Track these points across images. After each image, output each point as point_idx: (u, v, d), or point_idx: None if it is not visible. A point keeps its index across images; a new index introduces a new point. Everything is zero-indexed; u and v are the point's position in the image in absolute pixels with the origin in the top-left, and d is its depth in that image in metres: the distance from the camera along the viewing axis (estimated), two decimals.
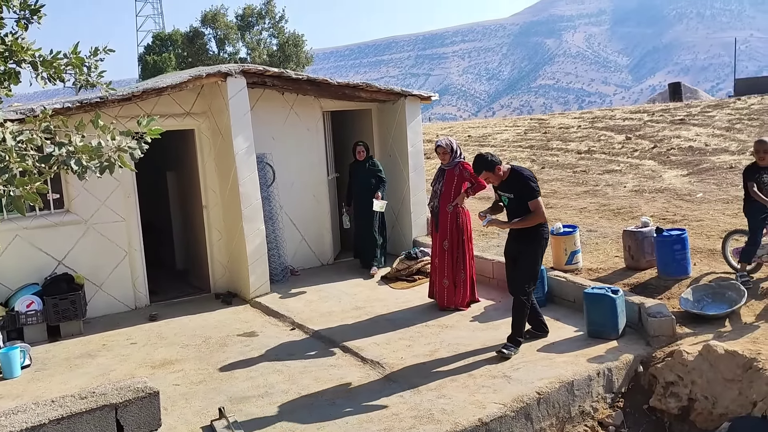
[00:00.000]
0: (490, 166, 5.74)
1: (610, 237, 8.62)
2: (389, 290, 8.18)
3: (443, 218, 7.12)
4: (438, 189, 7.15)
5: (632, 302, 6.18)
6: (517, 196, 5.75)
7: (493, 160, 5.76)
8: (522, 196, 5.71)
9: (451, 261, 7.15)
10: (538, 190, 5.76)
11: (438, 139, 7.26)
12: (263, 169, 8.73)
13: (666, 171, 13.26)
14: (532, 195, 5.68)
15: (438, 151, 7.12)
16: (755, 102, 20.18)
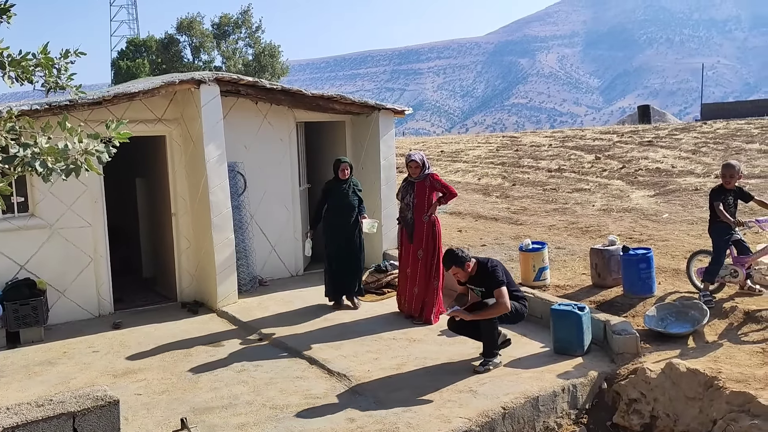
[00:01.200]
0: (460, 263, 5.82)
1: (577, 254, 8.72)
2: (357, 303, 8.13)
3: (419, 228, 7.20)
4: (410, 201, 7.22)
5: (598, 319, 6.25)
6: (486, 287, 5.83)
7: (463, 257, 5.84)
8: (491, 286, 5.79)
9: (424, 270, 7.20)
10: (503, 280, 5.81)
11: (411, 153, 7.33)
12: (234, 177, 8.67)
13: (634, 191, 13.49)
14: (496, 284, 5.75)
15: (411, 165, 7.21)
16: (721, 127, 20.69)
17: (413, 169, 7.20)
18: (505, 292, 5.75)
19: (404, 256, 7.37)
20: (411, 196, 7.24)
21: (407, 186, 7.30)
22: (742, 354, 5.53)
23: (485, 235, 10.20)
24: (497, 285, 5.74)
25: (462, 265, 5.83)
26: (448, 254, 5.92)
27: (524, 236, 9.61)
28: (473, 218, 11.87)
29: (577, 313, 6.01)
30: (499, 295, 5.72)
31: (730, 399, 4.85)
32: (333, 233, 7.78)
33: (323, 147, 10.37)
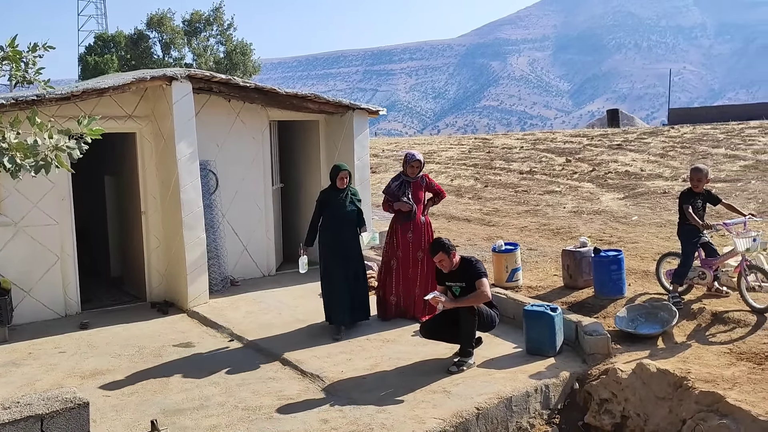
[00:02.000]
0: (447, 250, 5.90)
1: (549, 256, 8.80)
2: None
3: (418, 229, 7.14)
4: (408, 200, 7.14)
5: (570, 320, 6.31)
6: (468, 283, 5.87)
7: (450, 246, 5.96)
8: (472, 281, 5.85)
9: (423, 271, 7.14)
10: (485, 272, 5.93)
11: (414, 153, 7.22)
12: (206, 176, 8.57)
13: (603, 194, 13.67)
14: (479, 275, 5.83)
15: (414, 164, 7.11)
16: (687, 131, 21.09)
17: (414, 168, 7.14)
18: (486, 283, 5.83)
19: (403, 258, 7.15)
20: (408, 194, 7.15)
21: (404, 184, 7.15)
22: (710, 354, 5.64)
23: (458, 236, 10.24)
24: (479, 276, 5.82)
25: (448, 253, 5.89)
26: (436, 241, 6.02)
27: (496, 237, 9.67)
28: (446, 219, 11.92)
29: (549, 313, 6.06)
30: (480, 284, 5.79)
31: (699, 399, 4.93)
32: (330, 248, 6.91)
33: (297, 146, 10.31)
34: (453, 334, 5.95)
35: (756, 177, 13.53)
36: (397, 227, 7.19)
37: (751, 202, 11.24)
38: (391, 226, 7.30)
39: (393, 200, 7.14)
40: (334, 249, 6.89)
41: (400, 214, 7.16)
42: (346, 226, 6.92)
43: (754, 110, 32.37)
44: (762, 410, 4.58)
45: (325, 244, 6.95)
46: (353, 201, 6.99)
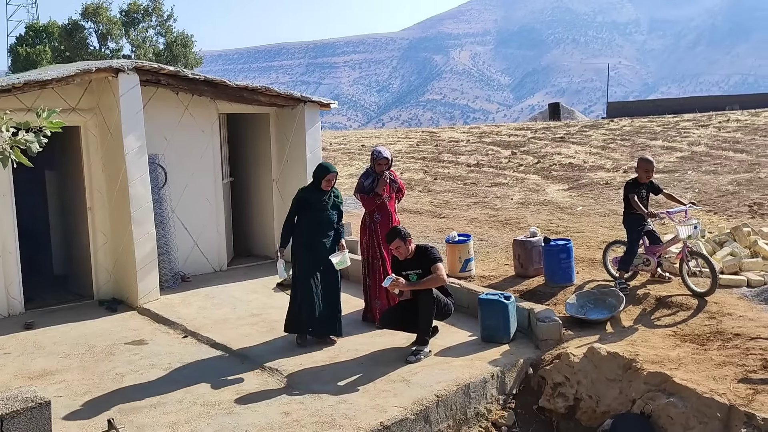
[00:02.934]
0: (403, 237, 6.00)
1: (499, 246, 8.99)
2: (285, 297, 8.00)
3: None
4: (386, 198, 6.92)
5: (522, 308, 6.49)
6: (424, 270, 5.98)
7: (406, 233, 6.08)
8: (428, 267, 5.95)
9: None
10: (441, 258, 6.08)
11: (381, 149, 6.92)
12: (155, 170, 8.40)
13: (549, 185, 14.02)
14: (434, 260, 5.96)
15: (382, 162, 6.83)
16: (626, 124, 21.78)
17: (382, 165, 6.85)
18: (442, 267, 5.97)
19: (387, 260, 6.76)
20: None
21: (375, 179, 6.87)
22: (656, 337, 5.90)
23: (410, 228, 10.25)
24: (435, 261, 5.96)
25: (404, 240, 6.00)
26: (393, 229, 6.12)
27: (448, 229, 9.82)
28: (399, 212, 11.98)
29: (503, 302, 6.21)
30: (436, 268, 5.92)
31: (647, 379, 5.16)
32: (305, 254, 6.36)
33: (247, 139, 10.20)
34: (411, 323, 6.04)
35: (692, 168, 14.12)
36: (375, 224, 6.85)
37: (688, 192, 11.74)
38: (366, 225, 6.91)
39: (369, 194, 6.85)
40: (310, 254, 6.34)
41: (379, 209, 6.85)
42: (326, 229, 6.42)
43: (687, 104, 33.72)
44: (706, 388, 4.83)
45: (301, 250, 6.40)
46: (336, 204, 6.53)
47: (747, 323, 5.84)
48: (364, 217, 6.99)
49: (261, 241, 10.24)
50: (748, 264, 7.13)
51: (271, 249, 10.03)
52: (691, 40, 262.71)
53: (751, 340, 5.49)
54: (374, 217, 6.88)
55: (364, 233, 6.97)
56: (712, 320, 6.02)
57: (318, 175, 6.49)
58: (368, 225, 6.92)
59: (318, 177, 6.48)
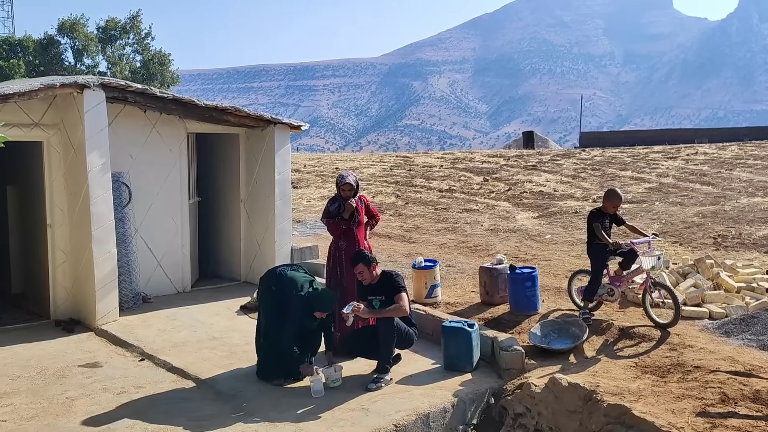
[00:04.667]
0: (367, 262, 5.93)
1: (467, 272, 8.96)
2: (249, 320, 7.92)
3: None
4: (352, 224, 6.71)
5: (486, 336, 6.43)
6: (388, 297, 5.90)
7: (371, 257, 6.01)
8: (391, 295, 5.88)
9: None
10: (405, 287, 5.98)
11: (345, 175, 6.72)
12: (119, 188, 8.25)
13: (519, 212, 14.09)
14: (398, 289, 5.88)
15: (345, 188, 6.64)
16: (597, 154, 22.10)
17: (346, 191, 6.68)
18: (405, 298, 5.88)
19: (351, 285, 6.48)
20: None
21: (341, 204, 6.68)
22: (617, 368, 5.87)
23: (379, 252, 10.27)
24: (398, 290, 5.86)
25: (368, 265, 5.91)
26: (357, 253, 6.03)
27: (416, 254, 9.77)
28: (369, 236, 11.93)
29: (467, 330, 6.15)
30: (399, 298, 5.83)
31: (607, 411, 5.12)
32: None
33: (216, 160, 10.10)
34: (372, 350, 5.94)
35: (659, 199, 14.30)
36: (340, 251, 6.67)
37: (655, 223, 11.86)
38: (331, 252, 6.77)
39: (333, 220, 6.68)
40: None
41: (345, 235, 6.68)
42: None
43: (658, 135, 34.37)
44: (664, 421, 4.79)
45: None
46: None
47: (707, 356, 5.84)
48: (331, 244, 6.84)
49: (227, 263, 10.09)
50: (710, 296, 7.17)
51: (236, 271, 9.91)
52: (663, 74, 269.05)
53: (710, 373, 5.49)
54: (339, 244, 6.70)
55: (329, 260, 6.83)
56: (674, 352, 6.02)
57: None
58: (333, 252, 6.75)
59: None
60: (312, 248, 9.80)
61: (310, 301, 5.87)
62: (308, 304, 5.87)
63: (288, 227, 9.51)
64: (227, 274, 10.04)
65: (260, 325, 6.16)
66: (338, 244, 6.70)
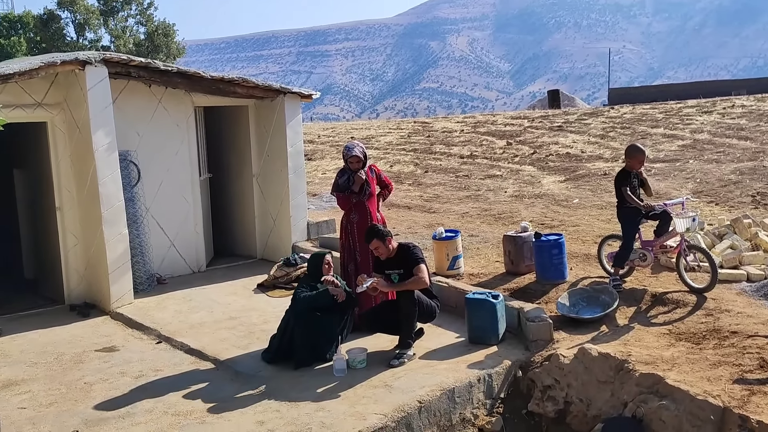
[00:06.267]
0: (381, 236, 5.95)
1: (491, 242, 8.96)
2: (266, 299, 8.05)
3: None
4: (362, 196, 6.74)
5: (512, 307, 6.45)
6: (406, 270, 5.93)
7: (385, 231, 6.02)
8: (410, 268, 5.91)
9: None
10: (424, 258, 6.00)
11: (351, 147, 6.72)
12: (127, 167, 8.34)
13: (544, 177, 13.99)
14: (417, 261, 5.90)
15: (352, 160, 6.68)
16: (627, 111, 21.75)
17: (354, 164, 6.71)
18: (425, 269, 5.91)
19: (362, 262, 6.63)
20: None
21: (351, 179, 6.70)
22: (650, 336, 5.87)
23: (398, 224, 10.31)
24: (417, 262, 5.90)
25: (383, 240, 5.94)
26: (370, 228, 6.06)
27: (437, 224, 9.78)
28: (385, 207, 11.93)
29: (491, 301, 6.18)
30: (418, 270, 5.87)
31: (639, 381, 5.14)
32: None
33: (225, 133, 10.15)
34: (393, 325, 6.01)
35: (693, 156, 14.09)
36: (352, 225, 6.76)
37: (689, 182, 11.72)
38: (343, 225, 6.85)
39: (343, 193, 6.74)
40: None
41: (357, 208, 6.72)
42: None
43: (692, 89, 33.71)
44: (700, 389, 4.80)
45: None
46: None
47: (745, 320, 5.82)
48: (343, 218, 6.91)
49: (242, 240, 10.20)
50: (748, 257, 7.10)
51: (252, 248, 10.02)
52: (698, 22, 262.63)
53: (748, 338, 5.47)
54: (351, 217, 6.77)
55: (342, 234, 6.92)
56: (709, 317, 6.00)
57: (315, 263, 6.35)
58: (345, 226, 6.83)
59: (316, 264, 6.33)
60: (329, 222, 9.86)
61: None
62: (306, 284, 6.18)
63: (303, 201, 9.57)
64: (243, 251, 10.16)
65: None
66: (350, 217, 6.77)
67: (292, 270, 8.47)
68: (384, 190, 7.08)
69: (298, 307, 6.00)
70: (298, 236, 9.49)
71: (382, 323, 6.12)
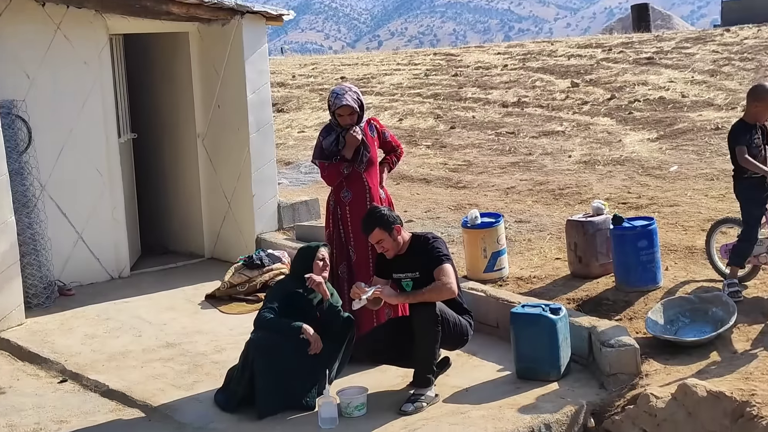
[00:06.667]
0: (387, 225, 5.86)
1: (548, 230, 8.97)
2: (220, 317, 8.10)
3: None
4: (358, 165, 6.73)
5: (580, 326, 6.46)
6: (423, 274, 5.89)
7: (392, 218, 5.91)
8: (429, 269, 5.87)
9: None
10: (449, 255, 5.96)
11: (339, 91, 6.67)
12: (11, 125, 8.37)
13: (627, 133, 13.97)
14: (440, 259, 5.86)
15: (340, 112, 6.60)
16: (749, 35, 21.66)
17: (344, 117, 6.63)
18: (451, 271, 5.87)
19: (359, 259, 6.74)
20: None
21: (339, 139, 6.69)
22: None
23: (412, 206, 10.33)
24: (440, 261, 5.86)
25: (390, 229, 5.89)
26: (369, 216, 5.99)
27: (469, 205, 9.80)
28: (393, 180, 11.95)
29: (549, 317, 6.18)
30: (441, 273, 5.82)
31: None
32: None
33: (156, 74, 10.18)
34: (405, 354, 6.02)
35: None
36: (343, 207, 6.78)
37: None
38: (330, 208, 6.89)
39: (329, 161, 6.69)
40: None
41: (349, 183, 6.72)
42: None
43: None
44: None
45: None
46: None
47: None
48: (329, 197, 6.90)
49: (182, 231, 10.29)
50: None
51: (197, 243, 10.06)
52: None
53: None
54: (341, 196, 6.73)
55: (328, 221, 6.89)
56: None
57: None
58: (332, 209, 6.80)
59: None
60: (309, 204, 9.90)
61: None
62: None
63: (271, 172, 9.60)
64: (183, 247, 10.20)
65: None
66: (339, 196, 6.75)
67: (256, 274, 8.49)
68: (390, 156, 7.09)
69: (258, 330, 6.02)
70: (264, 225, 9.52)
71: (390, 350, 6.12)
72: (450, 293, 5.89)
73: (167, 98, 10.11)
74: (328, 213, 6.92)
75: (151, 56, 10.11)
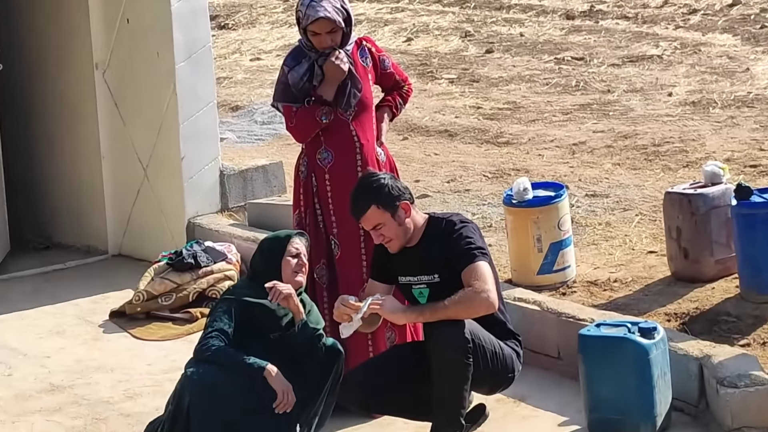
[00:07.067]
0: (388, 202, 5.84)
1: (636, 207, 8.99)
2: (132, 344, 8.12)
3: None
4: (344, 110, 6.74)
5: (686, 355, 6.46)
6: (446, 274, 5.87)
7: (391, 189, 5.89)
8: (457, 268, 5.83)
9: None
10: (484, 247, 5.94)
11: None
12: None
13: (760, 57, 13.96)
14: (471, 255, 5.82)
15: (317, 27, 6.60)
16: None
17: (321, 36, 6.66)
18: (489, 274, 5.82)
19: (345, 249, 6.78)
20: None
21: (313, 69, 6.71)
22: None
23: (427, 173, 10.34)
24: (471, 258, 5.82)
25: (391, 207, 5.86)
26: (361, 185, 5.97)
27: (515, 171, 9.80)
28: (397, 132, 11.93)
29: (638, 342, 6.19)
30: (473, 275, 5.77)
31: None
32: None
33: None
34: (416, 399, 6.04)
35: None
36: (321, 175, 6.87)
37: None
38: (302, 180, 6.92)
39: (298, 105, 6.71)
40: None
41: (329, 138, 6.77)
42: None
43: None
44: None
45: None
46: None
47: None
48: (299, 159, 6.95)
49: (72, 215, 10.27)
50: None
51: (96, 231, 10.06)
52: None
53: None
54: (318, 158, 6.78)
55: (298, 197, 6.92)
56: None
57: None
58: (305, 178, 6.84)
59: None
60: (269, 170, 9.90)
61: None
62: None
63: (210, 123, 9.59)
64: (75, 240, 10.24)
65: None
66: (315, 158, 6.78)
67: (188, 279, 8.53)
68: (392, 96, 7.11)
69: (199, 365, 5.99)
70: (199, 203, 9.53)
71: (396, 395, 6.14)
72: (487, 306, 5.87)
73: (48, 12, 10.11)
74: (297, 185, 6.92)
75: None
